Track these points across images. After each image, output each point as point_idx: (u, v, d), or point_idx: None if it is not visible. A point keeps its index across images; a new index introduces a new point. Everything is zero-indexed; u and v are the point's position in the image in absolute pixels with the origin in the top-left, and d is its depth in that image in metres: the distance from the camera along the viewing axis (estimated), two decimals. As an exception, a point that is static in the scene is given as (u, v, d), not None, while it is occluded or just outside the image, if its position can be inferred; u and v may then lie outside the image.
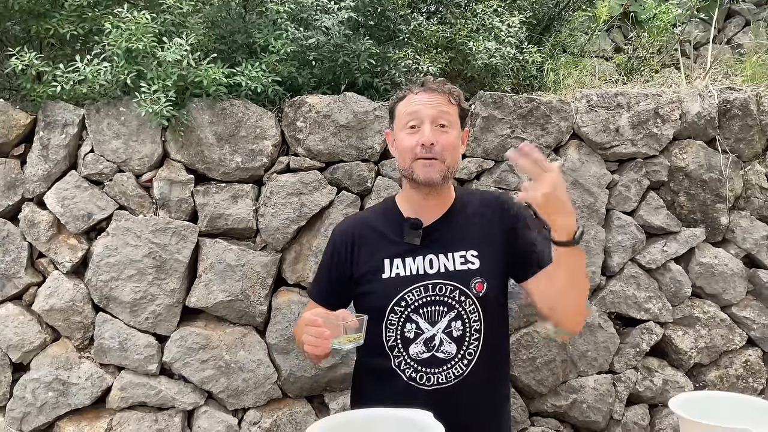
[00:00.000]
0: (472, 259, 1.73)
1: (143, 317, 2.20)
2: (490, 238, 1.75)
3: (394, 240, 1.76)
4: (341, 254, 1.79)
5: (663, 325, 2.55)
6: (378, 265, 1.75)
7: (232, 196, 2.23)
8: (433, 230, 1.76)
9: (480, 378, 1.71)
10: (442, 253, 1.74)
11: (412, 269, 1.73)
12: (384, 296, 1.73)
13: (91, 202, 2.19)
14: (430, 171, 1.69)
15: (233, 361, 2.24)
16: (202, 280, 2.23)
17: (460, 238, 1.75)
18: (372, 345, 1.69)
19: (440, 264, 1.73)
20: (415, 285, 1.71)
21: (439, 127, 1.69)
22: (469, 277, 1.72)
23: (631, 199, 2.50)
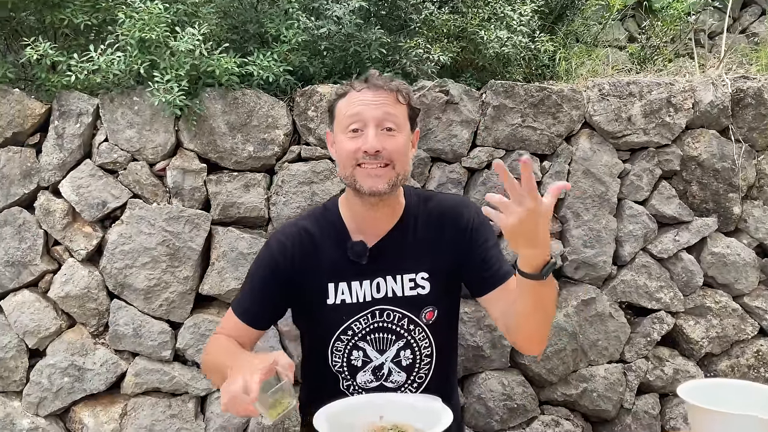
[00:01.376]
0: (422, 283, 1.62)
1: (157, 304, 2.23)
2: (443, 257, 1.62)
3: (337, 260, 1.61)
4: (278, 271, 1.61)
5: (674, 315, 2.55)
6: (321, 288, 1.61)
7: (244, 185, 2.25)
8: (379, 251, 1.61)
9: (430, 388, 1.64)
10: (390, 275, 1.61)
11: (358, 295, 1.60)
12: (329, 325, 1.62)
13: (105, 190, 2.21)
14: (376, 182, 1.51)
15: (245, 348, 2.26)
16: (215, 267, 2.25)
17: (409, 259, 1.62)
18: (318, 368, 1.65)
19: (388, 287, 1.60)
20: (362, 313, 1.60)
21: (385, 130, 1.53)
22: (419, 305, 1.61)
23: (643, 189, 2.49)
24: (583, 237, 2.44)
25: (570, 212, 2.43)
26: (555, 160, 2.43)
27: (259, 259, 1.67)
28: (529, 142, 2.40)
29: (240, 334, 1.63)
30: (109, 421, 2.21)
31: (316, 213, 1.72)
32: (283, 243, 1.63)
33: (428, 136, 2.31)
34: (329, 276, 1.60)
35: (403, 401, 1.47)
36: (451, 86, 2.33)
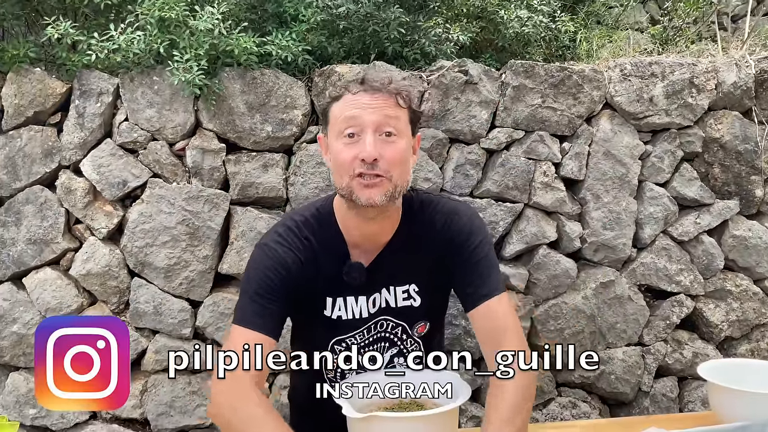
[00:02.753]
0: (414, 295, 1.59)
1: (177, 282, 2.25)
2: (435, 270, 1.58)
3: (335, 274, 1.54)
4: (282, 274, 1.48)
5: (694, 298, 2.53)
6: (318, 299, 1.56)
7: (263, 165, 2.26)
8: (376, 267, 1.56)
9: None
10: (385, 287, 1.58)
11: (354, 311, 1.57)
12: (324, 335, 1.59)
13: (125, 169, 2.23)
14: (372, 193, 1.41)
15: (264, 327, 2.28)
16: (234, 247, 2.26)
17: (402, 271, 1.58)
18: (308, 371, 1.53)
19: (382, 299, 1.58)
20: (358, 330, 1.59)
21: (384, 136, 1.42)
22: (411, 317, 1.60)
23: (664, 171, 2.47)
24: (603, 219, 2.42)
25: (590, 194, 2.42)
26: (575, 142, 2.41)
27: (259, 263, 1.51)
28: (548, 122, 2.38)
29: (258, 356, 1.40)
30: (129, 398, 2.24)
31: (308, 216, 1.58)
32: (286, 247, 1.51)
33: (447, 116, 2.30)
34: (326, 290, 1.56)
35: (422, 378, 1.47)
36: (470, 66, 2.32)
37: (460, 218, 1.56)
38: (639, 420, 1.73)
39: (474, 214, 1.60)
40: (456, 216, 1.57)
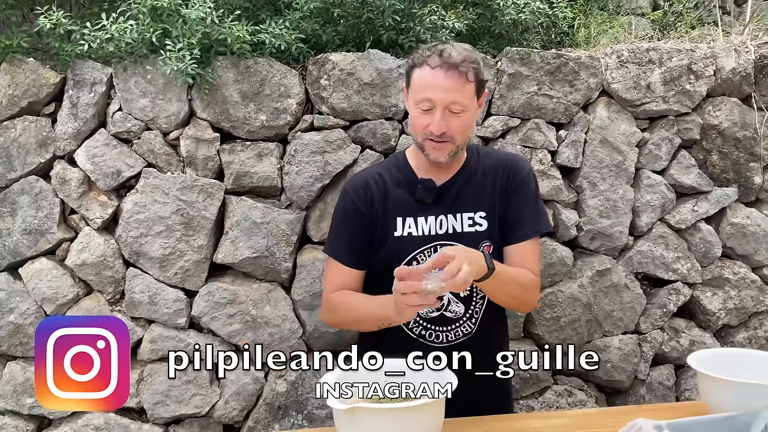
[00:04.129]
0: (479, 221, 1.79)
1: (172, 272, 2.25)
2: (496, 201, 1.80)
3: (405, 198, 1.79)
4: (360, 210, 1.79)
5: (691, 286, 2.52)
6: (390, 222, 1.78)
7: (257, 155, 2.25)
8: (444, 190, 1.79)
9: (485, 334, 1.80)
10: (452, 213, 1.78)
11: (423, 229, 1.77)
12: (395, 255, 1.75)
13: (120, 159, 2.23)
14: (439, 153, 1.72)
15: (259, 316, 2.28)
16: (229, 236, 2.26)
17: (470, 199, 1.79)
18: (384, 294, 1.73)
19: (449, 225, 1.78)
20: (426, 246, 1.76)
21: (451, 112, 1.68)
22: (477, 240, 1.76)
23: (662, 158, 2.45)
24: (600, 207, 2.41)
25: (586, 182, 2.40)
26: (571, 129, 2.39)
27: (340, 205, 1.86)
28: (544, 110, 2.36)
29: (350, 280, 1.81)
30: (126, 387, 2.25)
31: (384, 162, 1.97)
32: (359, 186, 1.82)
33: (442, 104, 2.28)
34: (398, 211, 1.78)
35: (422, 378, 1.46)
36: (466, 54, 2.29)
37: (520, 164, 1.84)
38: (628, 410, 1.73)
39: (531, 170, 1.85)
40: (516, 161, 1.86)
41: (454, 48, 1.68)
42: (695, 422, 1.30)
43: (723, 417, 1.31)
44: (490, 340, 1.81)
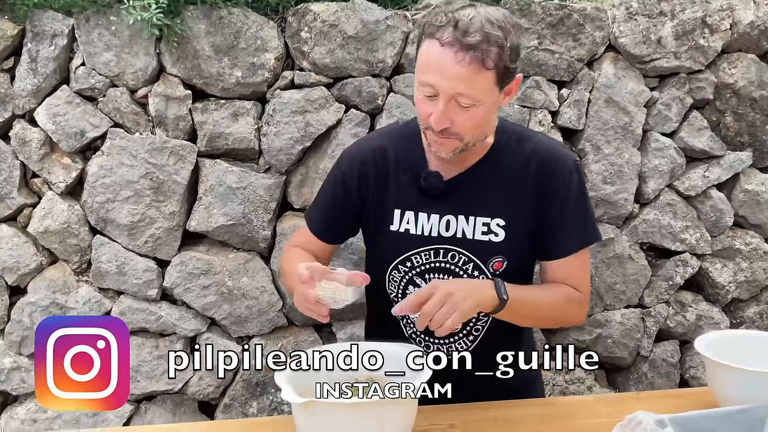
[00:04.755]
0: (496, 230, 1.46)
1: (142, 241, 2.10)
2: (523, 207, 1.46)
3: (408, 186, 1.49)
4: (351, 185, 1.54)
5: (700, 257, 2.36)
6: (386, 212, 1.51)
7: (232, 114, 2.08)
8: (456, 186, 1.47)
9: (487, 351, 1.45)
10: (463, 214, 1.47)
11: (424, 228, 1.48)
12: (389, 251, 1.52)
13: (83, 119, 2.06)
14: (441, 149, 1.39)
15: (236, 288, 2.14)
16: (202, 203, 2.11)
17: (487, 200, 1.46)
18: (377, 293, 1.58)
19: (458, 227, 1.46)
20: (425, 248, 1.48)
21: (458, 105, 1.33)
22: (488, 252, 1.46)
23: (672, 119, 2.27)
24: (603, 172, 2.23)
25: (589, 145, 2.22)
26: (574, 88, 2.21)
27: (331, 174, 1.62)
28: (546, 67, 2.18)
29: (314, 247, 1.60)
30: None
31: (395, 132, 1.60)
32: (355, 160, 1.55)
33: (433, 60, 2.10)
34: (397, 201, 1.50)
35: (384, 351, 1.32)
36: (459, 4, 2.10)
37: (561, 168, 1.47)
38: (625, 398, 1.58)
39: (575, 167, 1.49)
40: (557, 164, 1.47)
41: (477, 17, 1.29)
42: (702, 416, 1.15)
43: (734, 410, 1.16)
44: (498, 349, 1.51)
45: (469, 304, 1.28)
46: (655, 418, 1.10)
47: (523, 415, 1.40)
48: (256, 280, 2.15)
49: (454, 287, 1.28)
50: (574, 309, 1.51)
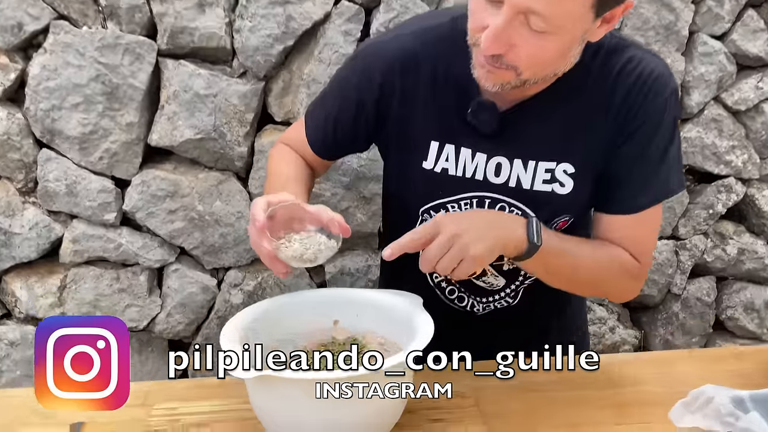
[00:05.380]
0: (562, 178, 1.11)
1: (96, 156, 1.79)
2: (599, 144, 1.10)
3: (449, 110, 1.12)
4: (366, 99, 1.18)
5: (746, 183, 2.05)
6: (420, 143, 1.16)
7: (198, 5, 1.73)
8: (513, 120, 1.10)
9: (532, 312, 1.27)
10: (520, 157, 1.11)
11: (467, 169, 1.13)
12: (417, 194, 1.19)
13: (20, 8, 1.71)
14: (486, 77, 1.02)
15: (208, 213, 1.84)
16: (165, 112, 1.79)
17: (554, 139, 1.11)
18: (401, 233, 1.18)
19: (512, 173, 1.12)
20: (466, 195, 1.15)
21: (528, 26, 0.94)
22: (551, 207, 1.13)
23: (724, 19, 1.91)
24: (639, 81, 1.89)
25: (624, 48, 1.87)
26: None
27: (342, 75, 1.25)
28: (576, -49, 1.80)
29: (308, 156, 1.32)
30: (45, 295, 1.85)
31: (436, 31, 1.15)
32: (376, 66, 1.16)
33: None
34: (432, 130, 1.14)
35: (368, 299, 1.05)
36: None
37: (657, 94, 1.08)
38: (675, 357, 1.27)
39: (674, 95, 1.12)
40: (653, 87, 1.08)
41: None
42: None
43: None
44: (539, 317, 1.31)
45: (483, 248, 0.98)
46: (731, 395, 0.81)
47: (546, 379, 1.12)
48: (231, 204, 1.85)
49: (465, 225, 0.99)
50: (626, 282, 1.18)
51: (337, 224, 1.00)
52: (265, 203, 0.99)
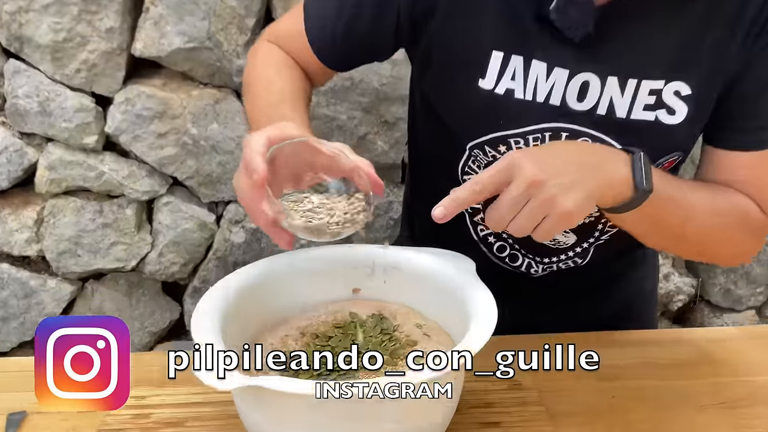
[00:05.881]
0: (674, 102, 0.81)
1: (72, 68, 1.53)
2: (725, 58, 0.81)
3: (522, 7, 0.81)
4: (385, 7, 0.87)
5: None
6: (475, 53, 0.84)
7: None
8: (614, 19, 0.80)
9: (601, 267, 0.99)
10: (616, 74, 0.81)
11: (539, 90, 0.82)
12: (468, 124, 0.88)
13: None
14: None
15: (203, 137, 1.59)
16: (151, 15, 1.51)
17: (663, 50, 0.81)
18: (440, 168, 0.96)
19: (603, 97, 0.82)
20: (535, 127, 0.84)
21: None
22: (654, 145, 0.82)
23: None
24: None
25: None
26: None
27: None
28: None
29: (303, 59, 0.96)
30: (21, 229, 1.62)
31: None
32: None
33: None
34: (498, 37, 0.83)
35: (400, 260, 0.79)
36: None
37: None
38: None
39: None
40: None
41: None
42: None
43: None
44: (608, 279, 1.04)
45: (576, 199, 0.68)
46: None
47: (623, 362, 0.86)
48: (229, 127, 1.59)
49: (550, 167, 0.68)
50: (745, 240, 0.89)
51: (365, 176, 0.70)
52: (264, 142, 0.69)
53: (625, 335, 0.94)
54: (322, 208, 0.71)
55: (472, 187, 0.70)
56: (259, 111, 0.89)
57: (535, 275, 0.98)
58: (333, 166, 0.72)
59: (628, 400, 0.80)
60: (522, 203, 0.67)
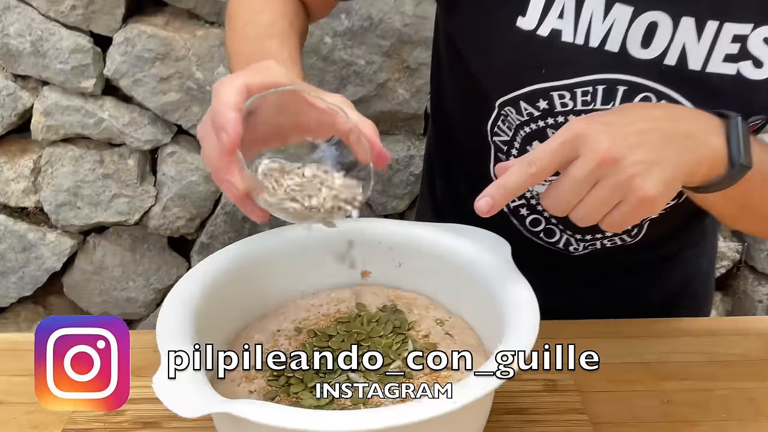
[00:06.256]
0: (762, 52, 0.65)
1: (67, 5, 1.41)
2: None
3: None
4: None
5: None
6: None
7: None
8: None
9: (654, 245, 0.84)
10: (693, 14, 0.64)
11: (592, 33, 0.67)
12: (504, 74, 0.73)
13: None
14: None
15: (209, 82, 1.46)
16: (150, -55, 1.38)
17: None
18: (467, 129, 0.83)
19: (674, 43, 0.66)
20: (586, 78, 0.68)
21: None
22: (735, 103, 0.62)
23: None
24: None
25: None
26: None
27: None
28: None
29: None
30: (17, 179, 1.53)
31: None
32: None
33: None
34: None
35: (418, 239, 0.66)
36: None
37: None
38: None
39: None
40: None
41: None
42: None
43: None
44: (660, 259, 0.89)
45: (660, 181, 0.54)
46: None
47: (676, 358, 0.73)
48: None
49: (628, 142, 0.54)
50: None
51: (366, 143, 0.57)
52: (240, 90, 0.55)
53: (677, 323, 0.80)
54: (308, 182, 0.56)
55: (526, 169, 0.54)
56: (239, 50, 0.74)
57: (575, 253, 0.84)
58: (326, 124, 0.58)
59: (684, 405, 0.67)
60: (590, 185, 0.54)
